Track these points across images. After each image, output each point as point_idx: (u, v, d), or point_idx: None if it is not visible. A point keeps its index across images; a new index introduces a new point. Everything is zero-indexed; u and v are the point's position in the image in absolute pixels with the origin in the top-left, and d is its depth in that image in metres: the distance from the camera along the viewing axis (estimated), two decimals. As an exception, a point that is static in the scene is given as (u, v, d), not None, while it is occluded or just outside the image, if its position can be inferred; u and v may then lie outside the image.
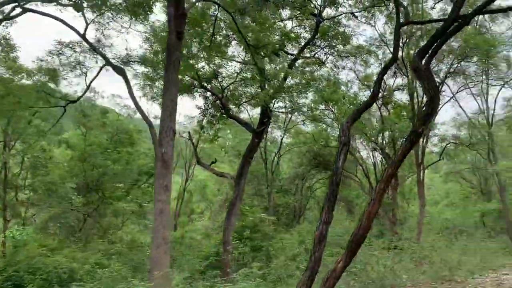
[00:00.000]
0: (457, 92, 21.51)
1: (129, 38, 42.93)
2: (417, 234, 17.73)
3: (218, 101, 16.97)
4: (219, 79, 16.55)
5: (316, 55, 19.66)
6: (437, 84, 19.20)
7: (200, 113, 19.29)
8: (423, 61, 6.09)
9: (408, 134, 5.83)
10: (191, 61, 15.12)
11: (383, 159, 26.82)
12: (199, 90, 18.41)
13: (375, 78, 24.78)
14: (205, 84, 16.49)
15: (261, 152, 25.73)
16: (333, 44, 19.27)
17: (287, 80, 17.17)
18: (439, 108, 22.04)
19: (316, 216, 33.62)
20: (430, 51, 6.13)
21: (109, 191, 18.91)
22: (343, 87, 26.44)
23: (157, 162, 6.97)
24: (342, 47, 19.64)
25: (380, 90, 25.08)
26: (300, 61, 20.31)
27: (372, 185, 28.90)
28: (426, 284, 10.77)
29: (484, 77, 21.35)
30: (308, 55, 19.90)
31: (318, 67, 21.93)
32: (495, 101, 22.85)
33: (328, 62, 20.07)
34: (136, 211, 21.40)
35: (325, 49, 19.31)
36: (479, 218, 31.18)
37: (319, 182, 35.57)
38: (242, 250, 17.14)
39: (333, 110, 26.17)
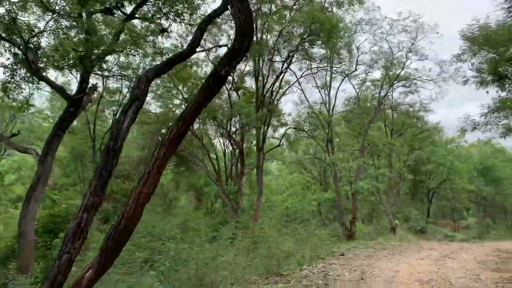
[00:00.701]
0: (301, 76, 21.48)
1: None
2: (252, 222, 16.88)
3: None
4: (25, 31, 12.86)
5: (159, 22, 17.20)
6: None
7: (8, 74, 15.27)
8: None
9: (207, 78, 4.03)
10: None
11: (233, 146, 25.86)
12: (6, 45, 14.43)
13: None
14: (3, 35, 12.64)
15: (89, 129, 22.20)
16: (179, 11, 17.12)
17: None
18: (285, 90, 21.56)
19: (156, 205, 31.22)
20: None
21: None
22: (194, 67, 24.57)
23: None
24: (189, 17, 17.61)
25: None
26: (140, 27, 17.78)
27: (219, 173, 27.93)
28: (250, 280, 9.48)
29: (328, 67, 21.77)
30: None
31: (163, 38, 19.68)
32: (336, 93, 23.68)
33: (172, 31, 17.79)
34: None
35: (169, 15, 16.98)
36: (316, 207, 32.84)
37: (168, 168, 33.38)
38: (54, 244, 13.95)
39: (182, 90, 24.16)
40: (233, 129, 25.67)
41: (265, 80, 19.13)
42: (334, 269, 11.69)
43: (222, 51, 23.89)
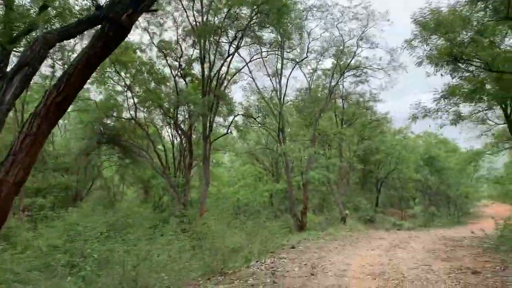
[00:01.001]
0: (250, 61, 20.47)
1: None
2: (198, 216, 15.84)
3: None
4: None
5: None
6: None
7: None
8: None
9: (101, 26, 2.99)
10: None
11: (180, 136, 24.52)
12: None
13: (174, 45, 22.15)
14: None
15: (16, 116, 20.10)
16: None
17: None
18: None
19: (99, 199, 29.37)
20: None
21: None
22: (139, 53, 23.00)
23: None
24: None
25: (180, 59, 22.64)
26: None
27: (166, 165, 26.78)
28: (189, 282, 8.51)
29: (279, 52, 20.96)
30: None
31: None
32: (287, 80, 22.94)
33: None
34: None
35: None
36: (268, 198, 32.28)
37: (110, 160, 31.49)
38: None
39: (123, 75, 22.57)
40: (181, 118, 24.40)
41: (212, 64, 17.98)
42: (283, 264, 10.99)
43: (168, 34, 22.50)
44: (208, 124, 17.82)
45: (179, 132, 23.65)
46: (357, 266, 10.66)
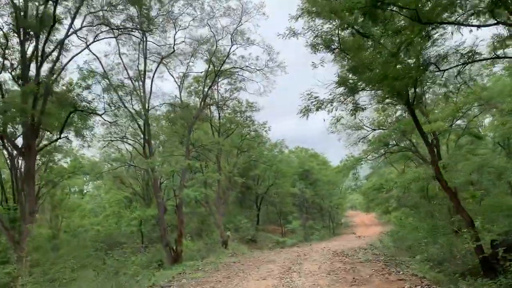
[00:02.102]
0: (94, 41, 15.88)
1: None
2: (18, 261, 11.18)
3: None
4: None
5: None
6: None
7: None
8: None
9: None
10: None
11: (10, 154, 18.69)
12: None
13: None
14: None
15: None
16: None
17: None
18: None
19: None
20: None
21: None
22: None
23: None
24: None
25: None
26: None
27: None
28: None
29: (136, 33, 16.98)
30: None
31: None
32: (152, 80, 19.14)
33: None
34: None
35: None
36: (137, 227, 27.67)
37: None
38: None
39: None
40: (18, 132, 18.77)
41: (37, 41, 13.30)
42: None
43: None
44: (32, 126, 12.99)
45: (12, 149, 18.02)
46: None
